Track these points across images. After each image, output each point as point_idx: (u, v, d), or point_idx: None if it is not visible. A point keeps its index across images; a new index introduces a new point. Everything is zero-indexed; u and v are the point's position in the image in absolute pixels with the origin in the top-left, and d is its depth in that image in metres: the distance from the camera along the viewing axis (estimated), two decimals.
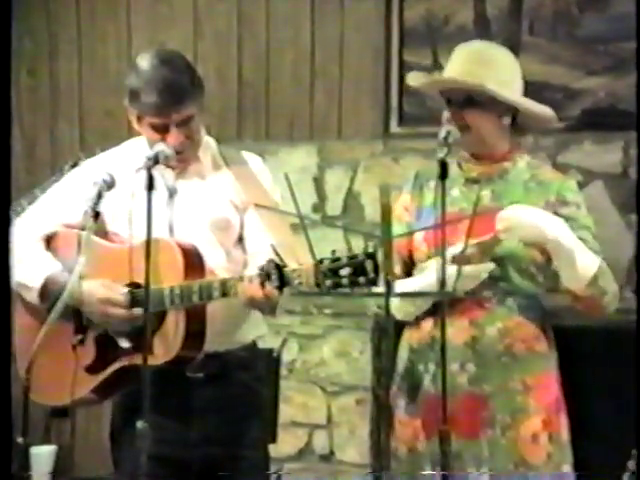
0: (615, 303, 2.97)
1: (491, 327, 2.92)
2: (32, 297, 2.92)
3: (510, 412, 2.90)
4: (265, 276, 2.68)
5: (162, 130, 2.86)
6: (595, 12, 4.58)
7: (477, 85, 2.93)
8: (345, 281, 2.56)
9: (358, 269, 2.55)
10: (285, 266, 2.68)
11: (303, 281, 2.65)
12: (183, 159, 2.92)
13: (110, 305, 2.84)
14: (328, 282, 2.57)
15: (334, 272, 2.56)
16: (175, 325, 2.79)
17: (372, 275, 2.55)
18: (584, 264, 2.87)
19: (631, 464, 2.80)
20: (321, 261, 2.58)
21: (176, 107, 2.84)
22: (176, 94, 2.84)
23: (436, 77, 3.05)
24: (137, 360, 2.82)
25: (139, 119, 2.91)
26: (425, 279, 2.91)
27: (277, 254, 2.71)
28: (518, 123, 3.05)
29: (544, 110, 3.05)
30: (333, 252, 2.59)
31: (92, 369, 2.91)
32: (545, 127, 3.16)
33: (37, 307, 2.94)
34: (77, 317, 2.90)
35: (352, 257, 2.56)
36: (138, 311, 2.80)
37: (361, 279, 2.55)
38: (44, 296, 2.91)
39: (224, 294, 2.75)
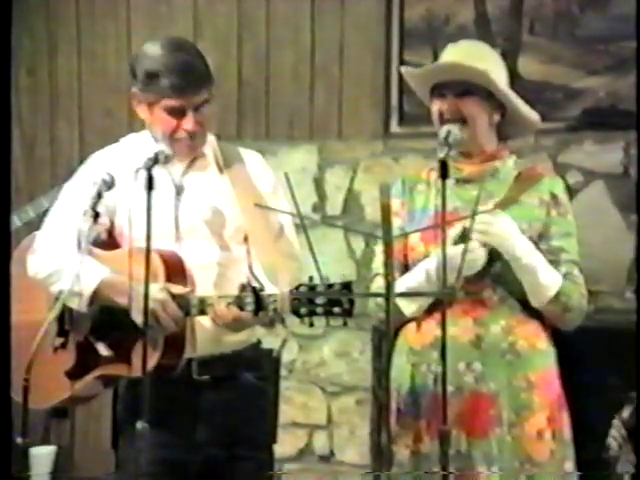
0: (580, 319, 3.01)
1: (495, 325, 2.93)
2: (80, 305, 2.83)
3: (515, 410, 2.90)
4: (241, 299, 2.70)
5: (179, 114, 2.85)
6: (596, 12, 4.57)
7: (483, 72, 2.93)
8: (320, 310, 2.58)
9: (333, 299, 2.57)
10: (262, 290, 2.69)
11: (278, 307, 2.66)
12: (194, 146, 2.93)
13: None
14: (303, 310, 2.59)
15: (310, 300, 2.58)
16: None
17: (347, 306, 2.57)
18: (546, 283, 2.91)
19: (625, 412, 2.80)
20: (298, 287, 2.59)
21: (195, 89, 2.84)
22: (195, 76, 2.85)
23: (441, 63, 3.03)
24: (116, 370, 2.84)
25: (152, 105, 2.88)
26: (422, 269, 2.92)
27: (256, 278, 2.74)
28: (501, 127, 3.06)
29: (530, 112, 3.07)
30: (310, 278, 2.60)
31: (71, 375, 2.90)
32: (526, 133, 3.18)
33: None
34: (59, 320, 2.89)
35: (328, 286, 2.57)
36: None
37: (336, 309, 2.57)
38: (93, 301, 2.83)
39: (202, 312, 2.78)
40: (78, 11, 5.42)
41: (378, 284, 3.01)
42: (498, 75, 3.00)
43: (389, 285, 2.60)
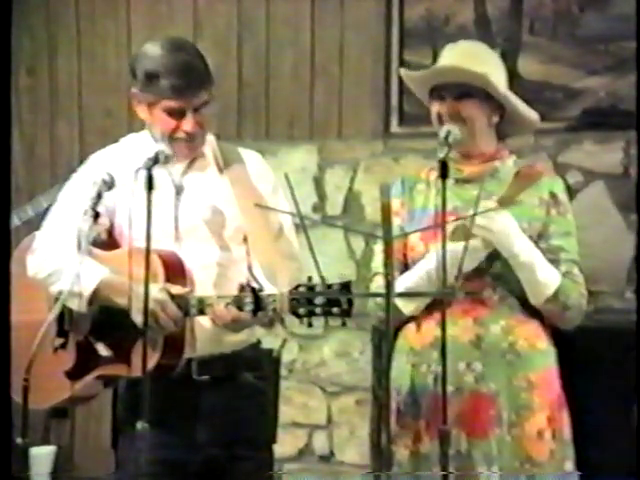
0: (579, 318, 3.01)
1: (495, 325, 2.93)
2: (80, 305, 2.83)
3: (515, 410, 2.91)
4: (240, 300, 2.71)
5: (178, 115, 2.86)
6: (595, 11, 4.57)
7: (482, 75, 2.93)
8: (319, 310, 2.59)
9: (332, 299, 2.57)
10: (261, 290, 2.70)
11: (278, 307, 2.67)
12: (193, 147, 2.93)
13: None
14: (302, 310, 2.60)
15: (309, 300, 2.59)
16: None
17: (345, 306, 2.57)
18: (544, 280, 2.91)
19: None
20: (297, 287, 2.60)
21: (195, 91, 2.84)
22: (196, 77, 2.85)
23: (439, 66, 3.03)
24: (116, 370, 2.84)
25: (151, 106, 2.88)
26: (422, 268, 2.92)
27: (254, 278, 2.75)
28: (501, 127, 3.06)
29: (529, 112, 3.07)
30: (309, 278, 2.61)
31: (71, 375, 2.90)
32: (525, 132, 3.19)
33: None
34: (59, 320, 2.89)
35: (327, 286, 2.57)
36: None
37: (334, 309, 2.58)
38: (93, 302, 2.83)
39: (201, 312, 2.77)
40: (78, 11, 5.42)
41: (378, 283, 3.02)
42: (497, 77, 3.00)
43: (389, 285, 2.60)
